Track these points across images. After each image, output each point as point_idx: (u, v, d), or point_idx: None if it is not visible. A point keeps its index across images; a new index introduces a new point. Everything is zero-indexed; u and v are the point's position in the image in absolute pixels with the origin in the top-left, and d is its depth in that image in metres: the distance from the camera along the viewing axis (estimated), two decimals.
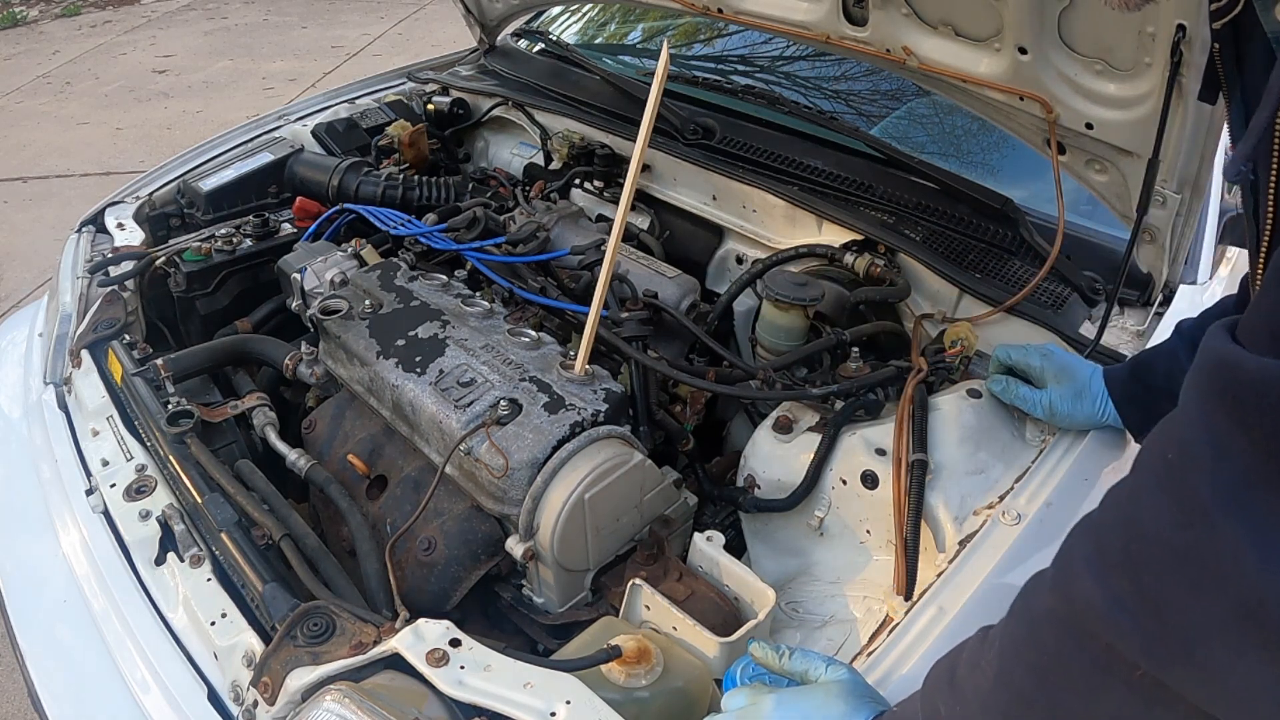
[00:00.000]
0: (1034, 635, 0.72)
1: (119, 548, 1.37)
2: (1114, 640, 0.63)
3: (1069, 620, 0.68)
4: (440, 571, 1.31)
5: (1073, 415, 1.28)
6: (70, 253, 2.00)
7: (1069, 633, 0.68)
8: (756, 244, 1.95)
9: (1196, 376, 0.63)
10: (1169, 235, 1.45)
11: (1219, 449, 0.58)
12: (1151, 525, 0.62)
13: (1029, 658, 0.72)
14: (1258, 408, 0.57)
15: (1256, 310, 0.61)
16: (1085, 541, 0.68)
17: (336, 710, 0.99)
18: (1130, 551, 0.63)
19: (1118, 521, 0.67)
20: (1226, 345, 0.60)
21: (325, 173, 2.16)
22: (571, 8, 2.81)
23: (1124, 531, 0.65)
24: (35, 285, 4.30)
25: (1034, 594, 0.74)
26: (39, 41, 8.15)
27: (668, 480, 1.38)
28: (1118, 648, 0.63)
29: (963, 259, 1.66)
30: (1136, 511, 0.65)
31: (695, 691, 1.08)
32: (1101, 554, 0.66)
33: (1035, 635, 0.72)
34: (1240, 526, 0.56)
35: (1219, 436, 0.59)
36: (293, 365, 1.66)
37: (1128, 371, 1.26)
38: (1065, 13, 1.34)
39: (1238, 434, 0.57)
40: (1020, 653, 0.73)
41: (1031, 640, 0.72)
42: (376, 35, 7.69)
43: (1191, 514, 0.59)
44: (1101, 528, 0.68)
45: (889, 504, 1.25)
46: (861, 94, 2.24)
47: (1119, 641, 0.63)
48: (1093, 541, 0.67)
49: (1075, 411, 1.27)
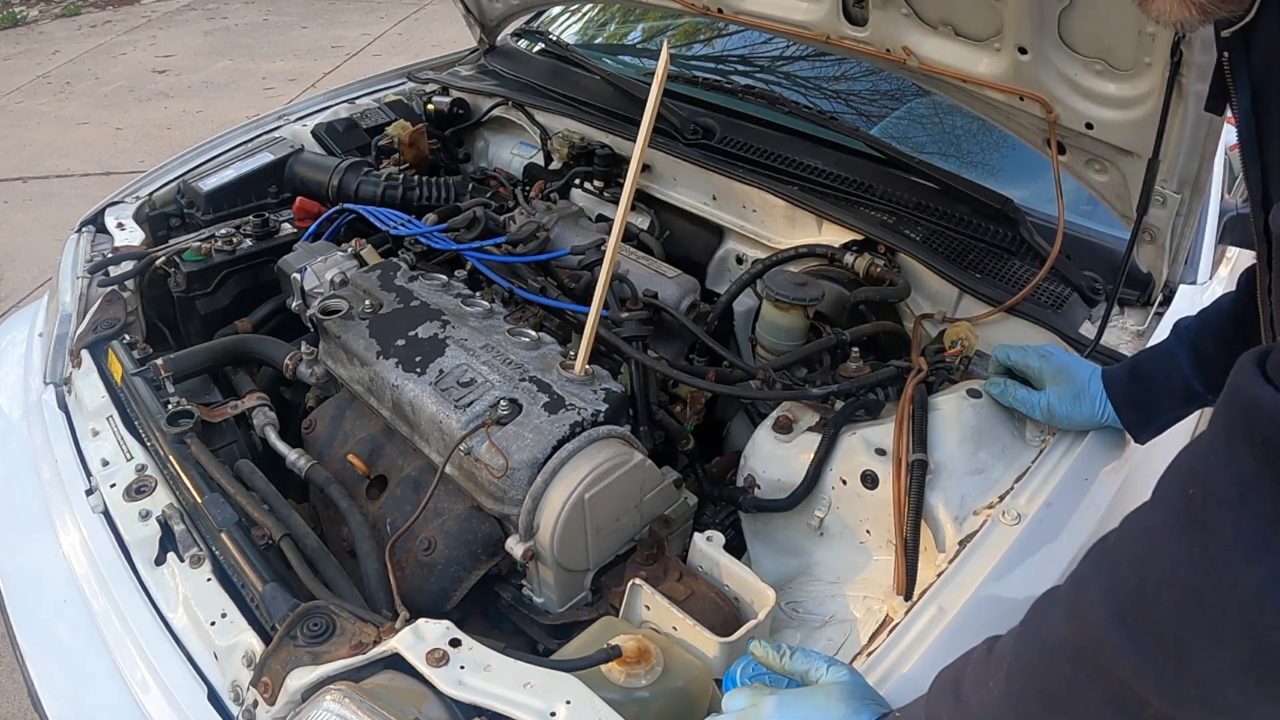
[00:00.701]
0: (1046, 663, 0.71)
1: (119, 548, 1.37)
2: (1127, 677, 0.62)
3: (1082, 653, 0.67)
4: (440, 571, 1.31)
5: (1072, 416, 1.27)
6: (70, 253, 2.00)
7: (1082, 665, 0.67)
8: (756, 244, 1.95)
9: (1224, 411, 0.61)
10: (1169, 235, 1.45)
11: (1244, 491, 0.57)
12: (1170, 565, 0.61)
13: (1040, 684, 0.71)
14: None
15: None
16: (1101, 572, 0.67)
17: (336, 710, 0.99)
18: (1148, 590, 0.62)
19: (1135, 556, 0.65)
20: (1256, 384, 0.58)
21: (325, 173, 2.16)
22: (571, 8, 2.81)
23: (1142, 568, 0.64)
24: (35, 285, 4.30)
25: (1046, 617, 0.73)
26: (39, 41, 8.15)
27: (668, 480, 1.38)
28: (1131, 684, 0.62)
29: (963, 259, 1.66)
30: (1155, 549, 0.64)
31: (695, 691, 1.08)
32: (1118, 589, 0.65)
33: (1048, 663, 0.71)
34: (1264, 571, 0.55)
35: (1245, 478, 0.57)
36: (293, 365, 1.66)
37: (1126, 373, 1.26)
38: (1065, 13, 1.34)
39: (1265, 477, 0.56)
40: (1031, 679, 0.73)
41: (1043, 668, 0.72)
42: (376, 35, 7.69)
43: (1214, 557, 0.58)
44: (1119, 561, 0.67)
45: (889, 504, 1.25)
46: (861, 94, 2.24)
47: (1133, 679, 0.62)
48: (1109, 574, 0.66)
49: (1074, 413, 1.27)
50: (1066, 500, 1.21)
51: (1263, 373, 0.59)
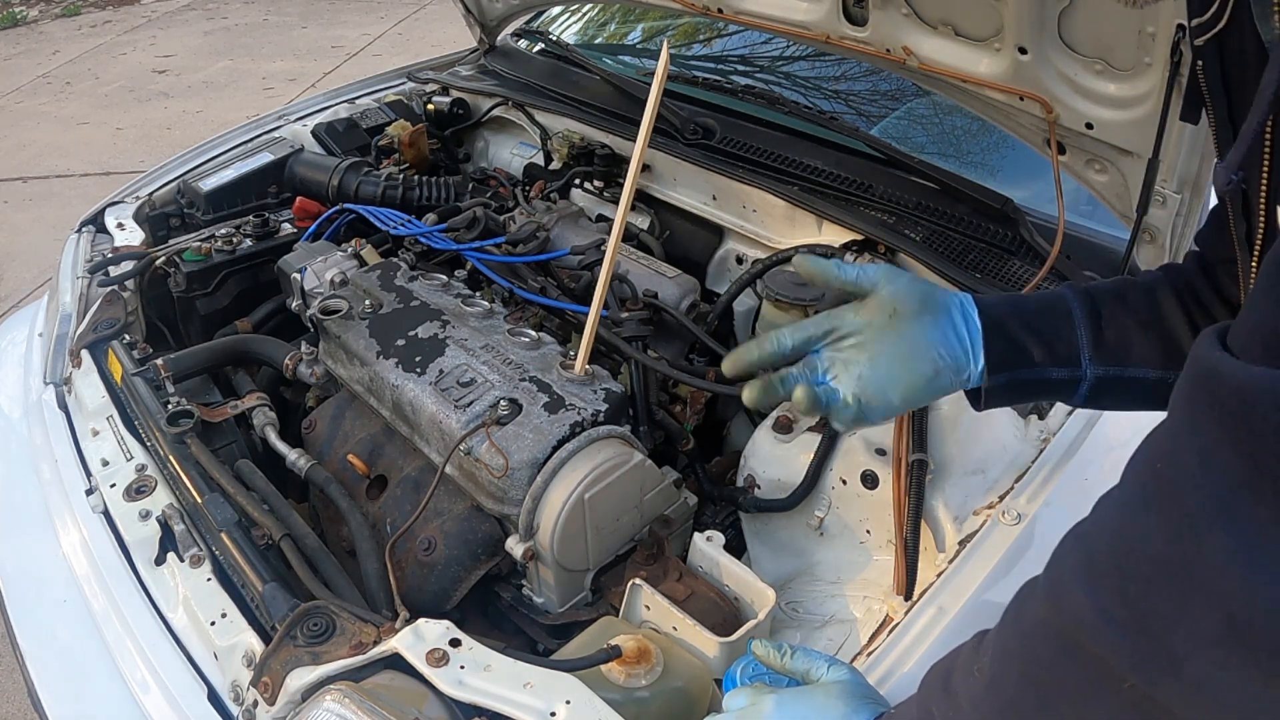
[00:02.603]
0: (1026, 644, 0.72)
1: (119, 548, 1.37)
2: (1104, 653, 0.63)
3: (1060, 631, 0.67)
4: (440, 571, 1.31)
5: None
6: (70, 253, 2.00)
7: (1060, 644, 0.67)
8: (756, 244, 1.95)
9: (1185, 385, 0.62)
10: (1169, 235, 1.45)
11: (1206, 459, 0.57)
12: (1140, 537, 0.62)
13: (1020, 667, 0.72)
14: (1245, 418, 0.55)
15: (1247, 318, 0.60)
16: (1075, 551, 0.68)
17: (336, 710, 0.99)
18: (1119, 563, 0.63)
19: (1106, 532, 0.66)
20: (1215, 353, 0.59)
21: (325, 173, 2.16)
22: (571, 8, 2.81)
23: (1112, 542, 0.64)
24: (35, 285, 4.30)
25: (1026, 602, 0.74)
26: (39, 41, 8.16)
27: (668, 480, 1.38)
28: (1108, 661, 0.63)
29: (963, 259, 1.66)
30: (1125, 522, 0.64)
31: (695, 691, 1.08)
32: (1091, 565, 0.65)
33: (1027, 644, 0.71)
34: (1227, 538, 0.55)
35: (1206, 446, 0.57)
36: (293, 365, 1.66)
37: (1006, 303, 1.06)
38: (1065, 13, 1.34)
39: (1225, 444, 0.56)
40: (1012, 661, 0.73)
41: (1023, 650, 0.72)
42: (376, 35, 7.69)
43: (1179, 526, 0.58)
44: (1091, 538, 0.67)
45: (889, 504, 1.25)
46: (861, 94, 2.24)
47: (1109, 655, 0.62)
48: (1083, 552, 0.67)
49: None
50: (1066, 500, 1.21)
51: (1222, 344, 0.60)
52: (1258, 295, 0.60)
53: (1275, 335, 0.57)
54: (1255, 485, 0.55)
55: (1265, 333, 0.58)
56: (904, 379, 0.97)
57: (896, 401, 0.97)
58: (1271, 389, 0.54)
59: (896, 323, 0.98)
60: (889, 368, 0.96)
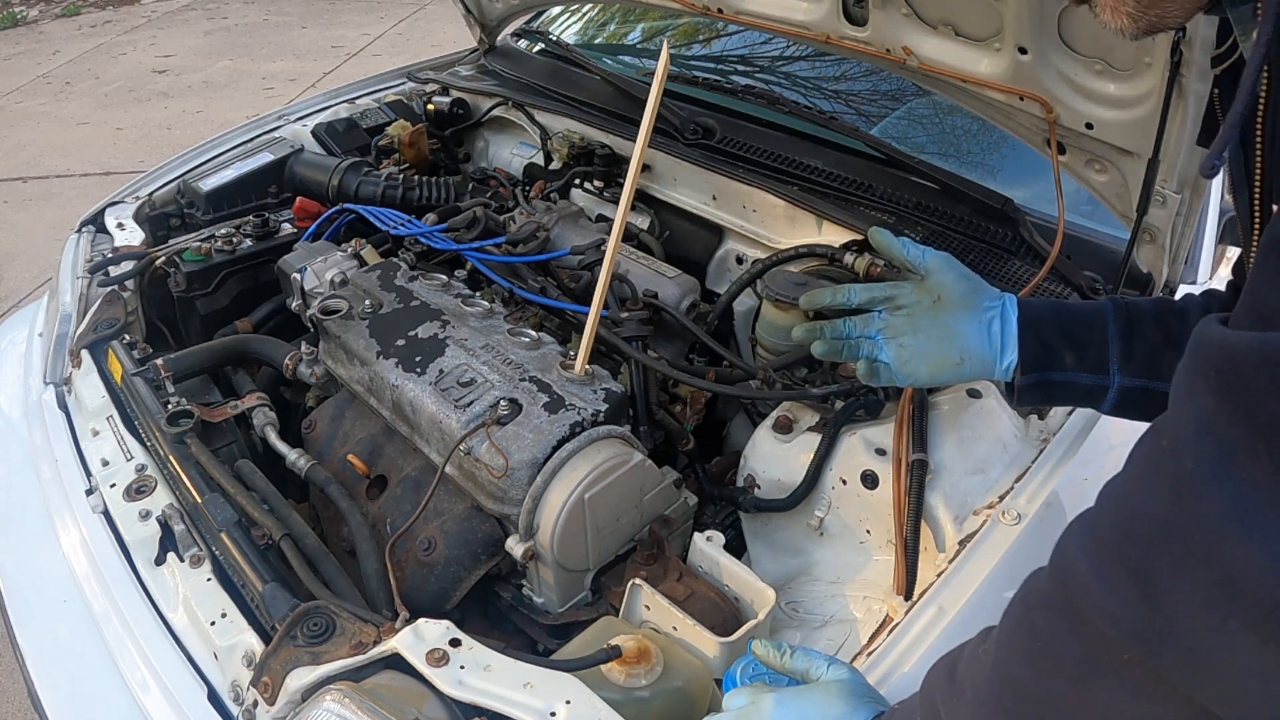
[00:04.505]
0: (1028, 620, 0.73)
1: (119, 548, 1.37)
2: (1105, 625, 0.63)
3: (1063, 604, 0.68)
4: (440, 571, 1.31)
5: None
6: (70, 253, 2.00)
7: (1062, 617, 0.68)
8: (756, 244, 1.95)
9: (1188, 360, 0.63)
10: (1169, 235, 1.45)
11: (1202, 424, 0.59)
12: (1140, 502, 0.63)
13: (1023, 644, 0.73)
14: (1236, 377, 0.57)
15: (1244, 297, 0.63)
16: (1081, 528, 0.69)
17: (336, 710, 0.99)
18: (1121, 530, 0.64)
19: (1111, 506, 0.67)
20: (1213, 327, 0.61)
21: (325, 173, 2.16)
22: (571, 8, 2.81)
23: (1115, 512, 0.66)
24: (35, 285, 4.30)
25: (1031, 583, 0.75)
26: (39, 41, 8.16)
27: (668, 480, 1.38)
28: (1109, 633, 0.63)
29: (963, 259, 1.63)
30: (1129, 493, 0.66)
31: (695, 691, 1.08)
32: (1093, 534, 0.67)
33: (1029, 620, 0.73)
34: (1223, 498, 0.56)
35: (1204, 412, 0.59)
36: (293, 365, 1.66)
37: (1050, 308, 1.15)
38: (1065, 13, 1.34)
39: (1222, 407, 0.58)
40: (1015, 640, 0.74)
41: (1026, 626, 0.73)
42: (376, 35, 7.69)
43: (1178, 488, 0.59)
44: (1094, 513, 0.69)
45: (889, 504, 1.25)
46: (861, 94, 2.24)
47: (1110, 626, 0.63)
48: (1088, 527, 0.68)
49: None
50: (1067, 500, 1.22)
51: (1222, 325, 0.62)
52: (1253, 274, 0.62)
53: (1266, 306, 0.60)
54: (1250, 445, 0.56)
55: (1257, 305, 0.61)
56: (934, 358, 1.11)
57: (924, 376, 1.12)
58: (1259, 348, 0.56)
59: (939, 309, 1.12)
60: (925, 345, 1.11)
